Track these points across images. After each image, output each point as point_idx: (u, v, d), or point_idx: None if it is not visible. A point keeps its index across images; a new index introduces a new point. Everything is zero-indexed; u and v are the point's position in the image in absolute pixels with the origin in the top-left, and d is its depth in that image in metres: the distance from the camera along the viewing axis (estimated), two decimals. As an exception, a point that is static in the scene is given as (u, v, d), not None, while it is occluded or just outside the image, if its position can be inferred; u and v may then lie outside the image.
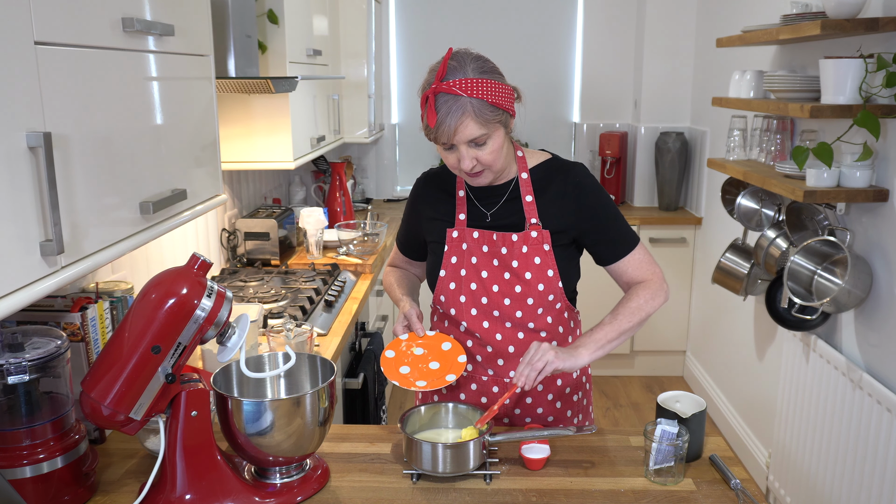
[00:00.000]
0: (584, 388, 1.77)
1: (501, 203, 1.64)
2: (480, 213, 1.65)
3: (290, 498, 1.37)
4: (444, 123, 1.45)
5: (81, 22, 1.16)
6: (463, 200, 1.67)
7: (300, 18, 2.82)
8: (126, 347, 1.26)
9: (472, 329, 1.65)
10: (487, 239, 1.63)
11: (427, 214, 1.72)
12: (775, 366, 2.97)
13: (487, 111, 1.46)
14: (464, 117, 1.45)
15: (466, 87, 1.44)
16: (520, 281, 1.61)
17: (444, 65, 1.47)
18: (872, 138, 2.15)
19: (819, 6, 2.37)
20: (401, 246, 1.86)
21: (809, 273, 2.43)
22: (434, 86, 1.46)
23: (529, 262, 1.60)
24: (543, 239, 1.60)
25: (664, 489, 1.42)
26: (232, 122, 2.57)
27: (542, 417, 1.71)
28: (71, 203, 1.12)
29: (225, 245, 2.87)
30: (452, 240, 1.65)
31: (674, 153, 4.09)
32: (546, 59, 4.53)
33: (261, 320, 2.05)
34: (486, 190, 1.65)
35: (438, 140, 1.50)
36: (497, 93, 1.47)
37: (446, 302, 1.67)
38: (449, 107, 1.44)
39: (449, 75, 1.46)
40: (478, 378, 1.68)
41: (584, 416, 1.78)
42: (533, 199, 1.62)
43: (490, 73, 1.49)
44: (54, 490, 1.31)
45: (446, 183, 1.70)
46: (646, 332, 4.22)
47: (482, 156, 1.50)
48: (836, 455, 2.35)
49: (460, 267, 1.64)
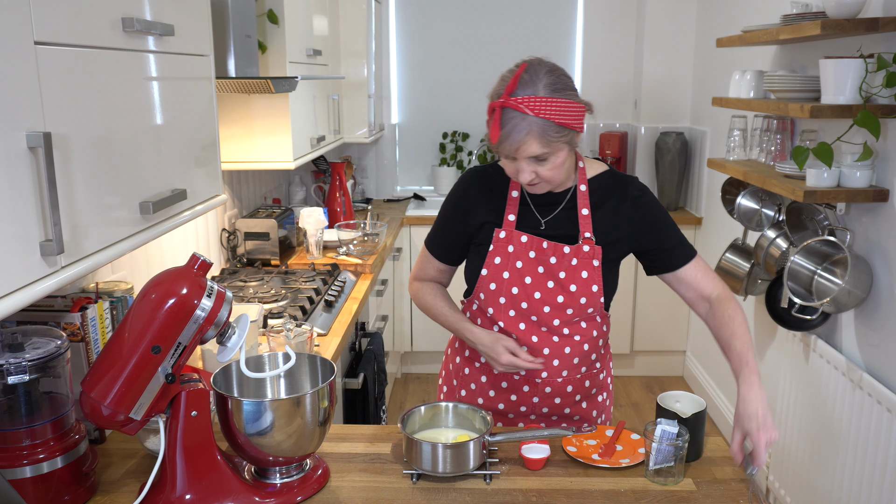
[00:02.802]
0: (608, 389, 1.79)
1: (558, 212, 1.62)
2: (535, 218, 1.62)
3: (290, 498, 1.37)
4: (507, 140, 1.42)
5: (81, 22, 1.16)
6: (515, 202, 1.63)
7: (300, 18, 2.82)
8: (126, 347, 1.26)
9: (509, 330, 1.64)
10: (537, 245, 1.60)
11: (476, 216, 1.65)
12: (775, 366, 2.97)
13: (553, 132, 1.42)
14: (528, 136, 1.41)
15: (535, 105, 1.40)
16: (563, 292, 1.60)
17: (515, 78, 1.42)
18: (872, 138, 2.15)
19: (819, 6, 2.37)
20: (436, 249, 1.74)
21: (809, 273, 2.43)
22: (502, 99, 1.42)
23: (577, 276, 1.59)
24: (595, 254, 1.59)
25: (664, 489, 1.42)
26: (232, 122, 2.57)
27: (569, 417, 1.73)
28: (71, 203, 1.12)
29: (225, 245, 2.87)
30: (499, 240, 1.62)
31: (674, 153, 4.09)
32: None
33: (261, 320, 2.05)
34: (544, 196, 1.61)
35: (500, 153, 1.47)
36: (566, 112, 1.42)
37: (485, 300, 1.65)
38: (514, 124, 1.41)
39: (519, 90, 1.41)
40: (510, 377, 1.68)
41: (606, 417, 1.81)
42: (589, 213, 1.60)
43: (562, 91, 1.44)
44: (54, 490, 1.31)
45: (496, 183, 1.65)
46: (646, 332, 4.22)
47: (542, 171, 1.48)
48: (836, 455, 2.35)
49: (503, 269, 1.62)
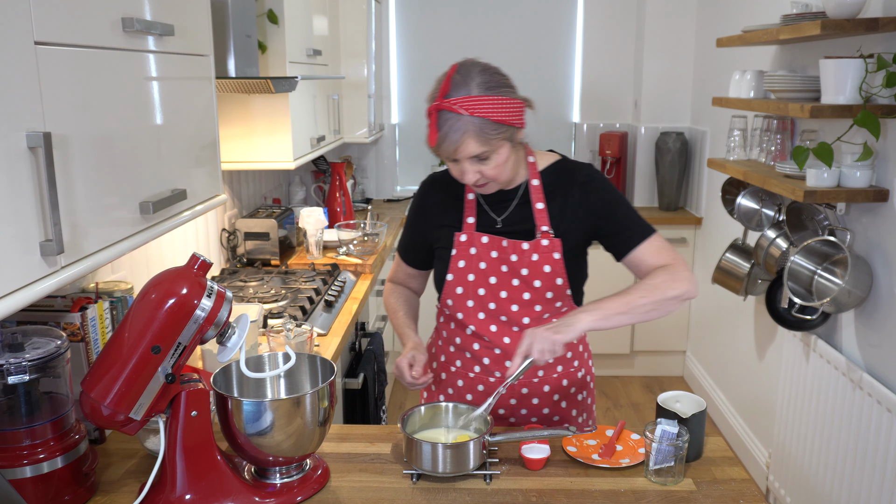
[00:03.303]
0: (589, 387, 1.77)
1: (512, 208, 1.62)
2: (490, 218, 1.63)
3: (290, 498, 1.37)
4: (445, 141, 1.43)
5: (81, 22, 1.16)
6: (472, 204, 1.64)
7: (300, 18, 2.82)
8: (126, 347, 1.26)
9: (480, 332, 1.64)
10: (497, 245, 1.60)
11: (434, 220, 1.68)
12: (775, 366, 2.97)
13: (490, 129, 1.42)
14: (465, 136, 1.41)
15: (469, 105, 1.40)
16: (529, 288, 1.60)
17: (447, 80, 1.42)
18: (872, 138, 2.15)
19: (819, 6, 2.37)
20: (404, 254, 1.79)
21: (809, 273, 2.43)
22: (437, 102, 1.42)
23: (539, 271, 1.59)
24: (554, 247, 1.58)
25: (664, 489, 1.42)
26: (232, 122, 2.57)
27: (548, 417, 1.71)
28: (71, 203, 1.12)
29: (225, 245, 2.87)
30: (460, 244, 1.62)
31: (674, 153, 4.09)
32: (546, 59, 4.54)
33: (261, 320, 2.05)
34: (496, 194, 1.62)
35: (440, 156, 1.48)
36: (502, 109, 1.42)
37: (454, 306, 1.65)
38: (451, 125, 1.41)
39: (453, 92, 1.42)
40: (485, 380, 1.68)
41: (588, 415, 1.79)
42: (544, 206, 1.59)
43: (496, 89, 1.44)
44: (54, 490, 1.31)
45: (452, 186, 1.66)
46: (646, 332, 4.22)
47: (487, 170, 1.48)
48: (836, 455, 2.35)
49: (468, 272, 1.62)
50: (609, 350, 4.24)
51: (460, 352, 1.69)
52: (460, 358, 1.70)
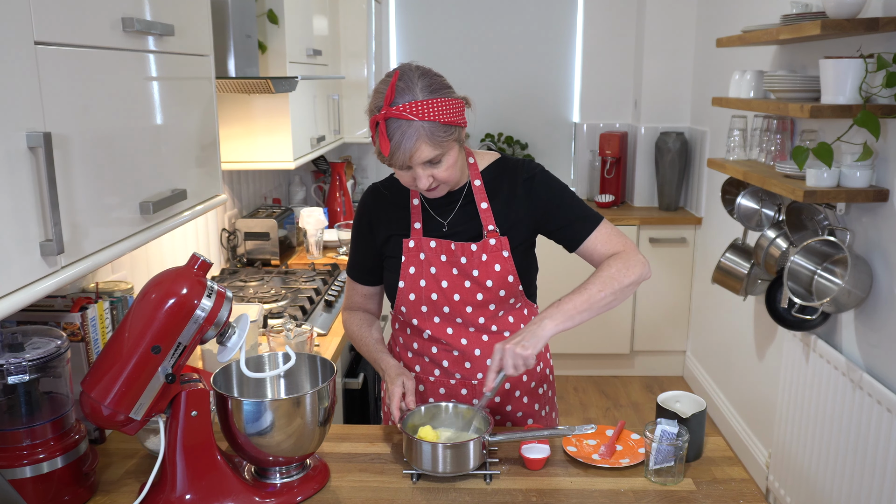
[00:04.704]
0: (549, 380, 1.78)
1: (456, 210, 1.62)
2: (437, 222, 1.63)
3: (290, 498, 1.37)
4: (399, 150, 1.42)
5: (81, 22, 1.16)
6: (418, 209, 1.64)
7: (300, 18, 2.82)
8: (126, 347, 1.26)
9: (437, 336, 1.64)
10: (445, 248, 1.61)
11: (381, 230, 1.66)
12: (775, 366, 2.97)
13: (441, 132, 1.43)
14: (418, 142, 1.41)
15: (418, 110, 1.40)
16: (481, 289, 1.60)
17: (391, 87, 1.42)
18: (872, 138, 2.15)
19: (819, 6, 2.37)
20: (357, 275, 1.75)
21: (809, 273, 2.43)
22: (384, 111, 1.41)
23: (490, 271, 1.59)
24: (502, 246, 1.59)
25: (664, 489, 1.42)
26: (232, 122, 2.57)
27: (511, 414, 1.72)
28: (71, 203, 1.12)
29: (225, 245, 2.87)
30: (409, 250, 1.62)
31: (674, 153, 4.09)
32: (546, 59, 4.53)
33: (261, 320, 2.05)
34: (440, 198, 1.62)
35: (394, 165, 1.47)
36: (448, 111, 1.44)
37: (407, 312, 1.64)
38: (402, 132, 1.41)
39: (398, 99, 1.41)
40: (446, 382, 1.68)
41: (550, 408, 1.79)
42: (489, 206, 1.60)
43: (439, 91, 1.44)
44: (54, 490, 1.31)
45: (396, 195, 1.66)
46: (646, 332, 4.22)
47: (438, 173, 1.48)
48: (836, 455, 2.35)
49: (419, 277, 1.62)
50: (609, 350, 4.24)
51: (418, 357, 1.69)
52: (419, 363, 1.69)
